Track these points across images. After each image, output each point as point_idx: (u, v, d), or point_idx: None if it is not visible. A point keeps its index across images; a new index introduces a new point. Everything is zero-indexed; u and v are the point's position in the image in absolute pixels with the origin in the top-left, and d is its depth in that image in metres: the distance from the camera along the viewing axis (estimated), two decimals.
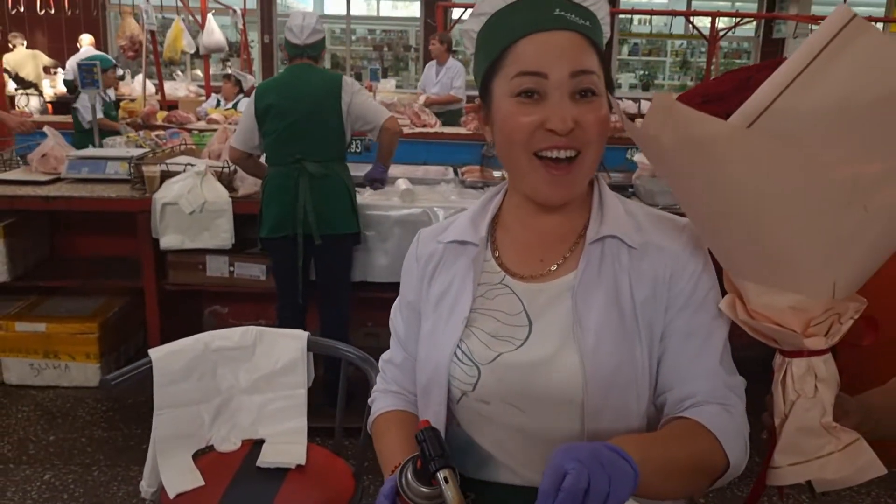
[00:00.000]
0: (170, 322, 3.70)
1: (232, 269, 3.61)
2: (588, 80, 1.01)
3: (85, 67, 4.14)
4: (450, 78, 7.14)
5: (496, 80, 1.04)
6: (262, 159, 3.39)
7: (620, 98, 9.31)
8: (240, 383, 1.64)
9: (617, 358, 1.02)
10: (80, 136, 5.23)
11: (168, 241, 3.44)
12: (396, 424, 1.20)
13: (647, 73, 13.63)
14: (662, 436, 1.01)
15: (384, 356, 1.30)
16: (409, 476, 0.96)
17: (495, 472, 1.09)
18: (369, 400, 1.29)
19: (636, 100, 8.86)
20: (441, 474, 0.92)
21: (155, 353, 1.55)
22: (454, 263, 1.15)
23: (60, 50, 10.60)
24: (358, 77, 12.98)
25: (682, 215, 1.11)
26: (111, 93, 5.82)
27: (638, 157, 4.01)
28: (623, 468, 0.82)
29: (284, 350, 1.69)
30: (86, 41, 8.98)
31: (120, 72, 8.92)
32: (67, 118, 6.20)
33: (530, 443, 1.06)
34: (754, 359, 4.40)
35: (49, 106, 9.21)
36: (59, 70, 9.69)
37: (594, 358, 1.01)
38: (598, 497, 0.78)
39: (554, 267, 1.10)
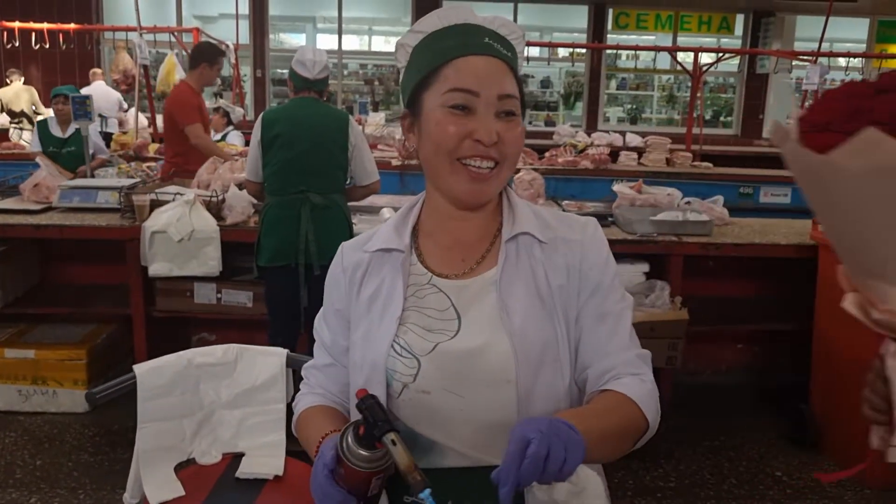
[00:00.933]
0: (158, 348, 3.73)
1: (219, 296, 3.69)
2: (511, 103, 1.14)
3: (78, 100, 4.24)
4: None
5: (427, 92, 1.15)
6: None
7: (608, 131, 9.49)
8: (221, 398, 1.71)
9: (542, 338, 1.15)
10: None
11: (157, 268, 3.52)
12: (321, 413, 1.28)
13: (634, 106, 13.86)
14: (596, 409, 1.13)
15: (307, 364, 1.37)
16: (350, 441, 1.02)
17: (441, 459, 1.16)
18: (293, 404, 1.37)
19: (622, 133, 9.03)
20: (388, 437, 0.98)
21: (139, 368, 1.62)
22: (381, 269, 1.24)
23: (55, 84, 10.71)
24: (350, 110, 13.17)
25: (653, 243, 1.20)
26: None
27: (617, 188, 4.13)
28: (575, 438, 0.95)
29: (264, 367, 1.77)
30: (98, 74, 9.19)
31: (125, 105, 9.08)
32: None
33: (471, 425, 1.14)
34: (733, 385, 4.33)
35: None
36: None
37: (522, 339, 1.13)
38: (556, 463, 0.92)
39: (475, 265, 1.22)
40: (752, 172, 7.22)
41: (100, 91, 8.89)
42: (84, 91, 7.46)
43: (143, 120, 8.17)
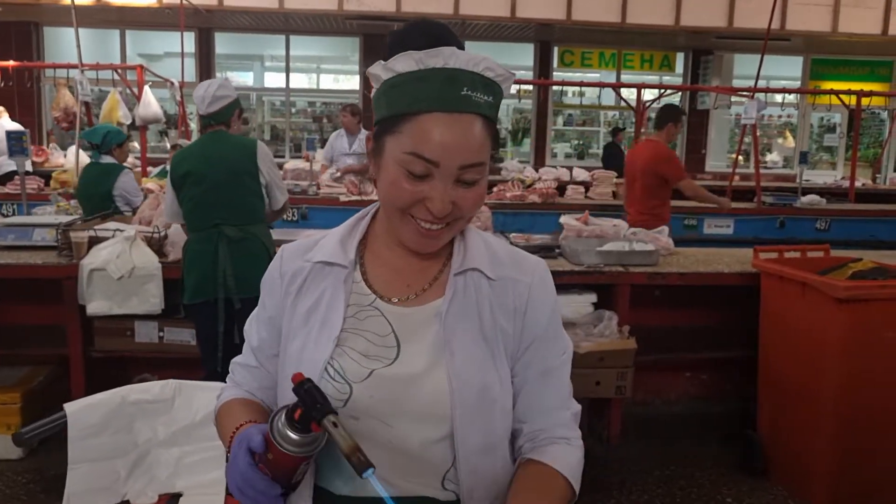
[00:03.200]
0: (97, 390, 3.62)
1: (161, 334, 3.59)
2: (474, 172, 1.08)
3: (14, 136, 4.14)
4: (363, 147, 7.28)
5: (391, 137, 1.08)
6: None
7: (555, 166, 9.61)
8: (157, 436, 1.64)
9: (481, 380, 1.12)
10: None
11: (95, 307, 3.42)
12: (242, 405, 1.23)
13: (581, 142, 14.09)
14: (529, 491, 1.11)
15: (235, 359, 1.32)
16: (282, 425, 0.98)
17: (363, 487, 1.12)
18: (216, 395, 1.32)
19: (569, 168, 9.16)
20: (329, 419, 0.95)
21: (70, 406, 1.55)
22: (322, 282, 1.19)
23: None
24: (297, 147, 13.12)
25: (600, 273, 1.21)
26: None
27: (564, 220, 4.15)
28: None
29: (203, 403, 1.70)
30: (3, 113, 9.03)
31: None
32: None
33: (398, 456, 1.12)
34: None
35: None
36: None
37: (461, 380, 1.10)
38: None
39: (420, 292, 1.18)
40: (696, 205, 7.36)
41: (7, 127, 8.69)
42: None
43: (85, 158, 8.00)
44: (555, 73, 13.02)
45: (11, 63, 8.10)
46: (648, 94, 9.66)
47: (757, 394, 3.63)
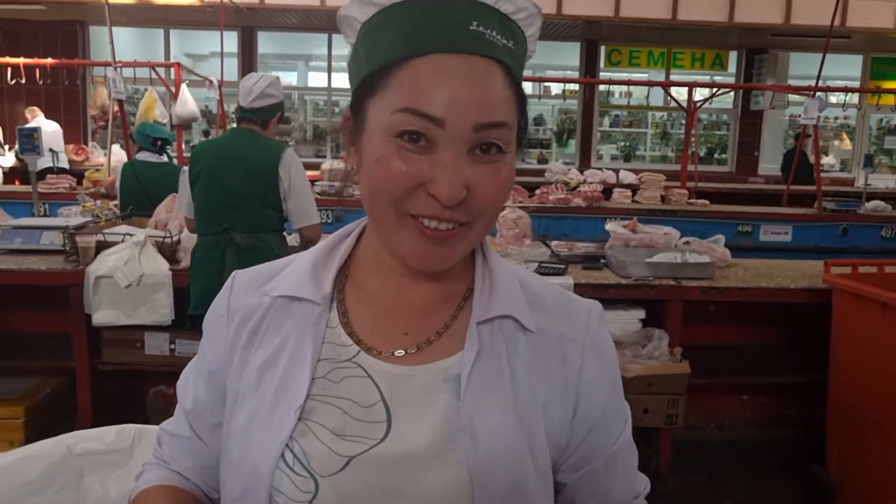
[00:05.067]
0: (107, 405, 3.42)
1: (173, 346, 3.35)
2: (496, 135, 0.75)
3: (25, 133, 3.95)
4: None
5: (373, 101, 0.77)
6: None
7: (601, 168, 9.24)
8: (110, 495, 1.36)
9: (512, 473, 0.78)
10: None
11: (101, 316, 3.18)
12: (164, 496, 0.92)
13: (628, 144, 13.67)
14: None
15: (163, 425, 0.99)
16: None
17: None
18: (136, 475, 1.00)
19: (616, 170, 8.79)
20: None
21: (1, 459, 1.28)
22: (283, 325, 0.86)
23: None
24: (339, 147, 12.98)
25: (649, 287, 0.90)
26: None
27: (610, 227, 3.82)
28: None
29: None
30: (35, 112, 9.27)
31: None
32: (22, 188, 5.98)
33: None
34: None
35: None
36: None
37: (488, 474, 0.77)
38: None
39: (424, 344, 0.84)
40: (751, 210, 6.94)
41: (43, 127, 8.67)
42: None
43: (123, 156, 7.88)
44: (601, 74, 12.61)
45: (49, 61, 8.01)
46: (699, 94, 9.24)
47: (825, 424, 3.24)
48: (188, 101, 7.84)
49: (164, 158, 4.53)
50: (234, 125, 3.17)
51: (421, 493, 0.76)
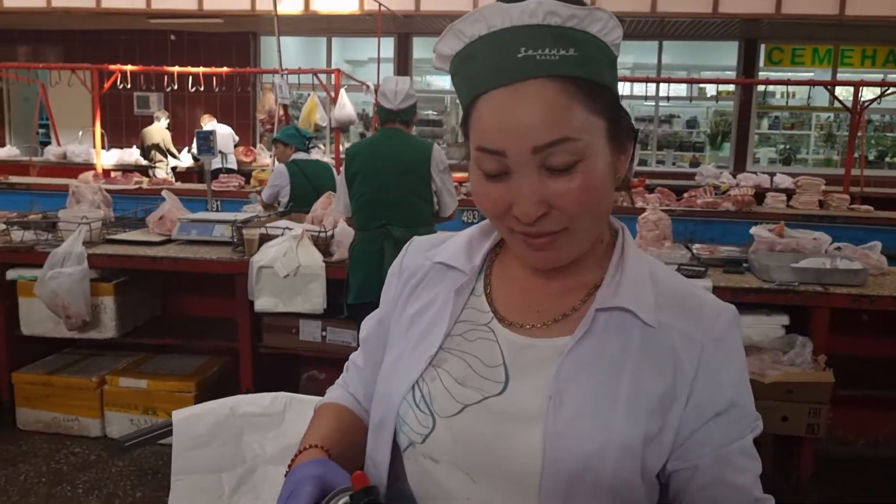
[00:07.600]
0: (266, 385, 3.72)
1: (324, 334, 3.61)
2: (560, 151, 0.80)
3: (202, 136, 4.37)
4: None
5: (470, 130, 0.88)
6: None
7: (756, 172, 8.90)
8: (266, 452, 1.55)
9: (587, 451, 0.83)
10: None
11: (262, 303, 3.49)
12: (332, 413, 1.08)
13: (788, 146, 12.99)
14: None
15: (353, 355, 1.18)
16: None
17: None
18: (317, 403, 1.18)
19: (771, 174, 8.44)
20: None
21: (178, 414, 1.50)
22: (436, 286, 0.99)
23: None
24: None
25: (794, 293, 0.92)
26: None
27: (755, 230, 3.73)
28: None
29: None
30: (206, 118, 10.12)
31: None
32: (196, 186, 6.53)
33: None
34: None
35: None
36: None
37: (561, 445, 0.84)
38: None
39: (550, 322, 0.93)
40: None
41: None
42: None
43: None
44: (761, 73, 12.06)
45: (224, 69, 8.72)
46: (868, 94, 8.68)
47: None
48: (346, 105, 8.26)
49: (314, 156, 4.90)
50: (380, 126, 3.37)
51: (517, 449, 0.86)
